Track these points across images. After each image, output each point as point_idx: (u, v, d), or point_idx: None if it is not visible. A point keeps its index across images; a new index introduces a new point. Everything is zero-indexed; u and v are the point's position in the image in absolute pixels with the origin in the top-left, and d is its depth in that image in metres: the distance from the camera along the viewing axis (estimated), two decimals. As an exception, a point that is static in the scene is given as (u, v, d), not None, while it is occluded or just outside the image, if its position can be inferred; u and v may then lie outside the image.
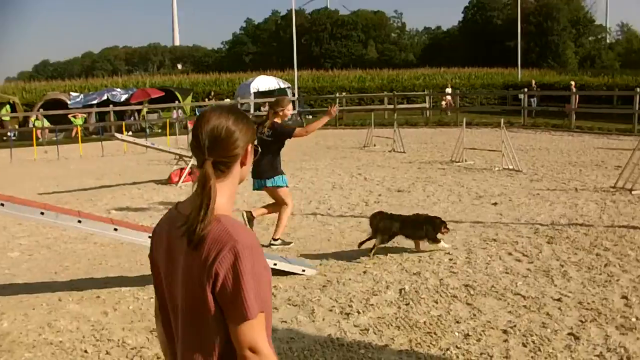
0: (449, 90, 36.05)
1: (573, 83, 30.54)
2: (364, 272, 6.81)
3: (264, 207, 8.50)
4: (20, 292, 6.59)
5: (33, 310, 6.02)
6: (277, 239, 8.25)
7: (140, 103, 31.74)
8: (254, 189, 8.27)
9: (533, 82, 31.49)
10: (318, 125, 8.77)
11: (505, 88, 40.47)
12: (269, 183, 7.98)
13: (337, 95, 33.82)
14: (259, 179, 8.00)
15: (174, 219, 2.12)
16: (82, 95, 34.10)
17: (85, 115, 30.10)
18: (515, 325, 5.17)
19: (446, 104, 34.36)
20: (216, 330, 1.93)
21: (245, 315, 1.87)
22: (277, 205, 8.20)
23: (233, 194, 2.13)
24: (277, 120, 8.10)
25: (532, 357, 4.65)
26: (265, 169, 7.92)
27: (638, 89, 23.00)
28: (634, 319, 5.24)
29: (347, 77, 51.47)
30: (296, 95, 35.40)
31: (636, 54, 78.22)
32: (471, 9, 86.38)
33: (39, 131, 26.74)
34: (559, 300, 5.73)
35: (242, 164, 2.12)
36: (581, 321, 5.23)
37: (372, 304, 5.82)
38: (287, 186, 8.20)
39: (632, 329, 5.04)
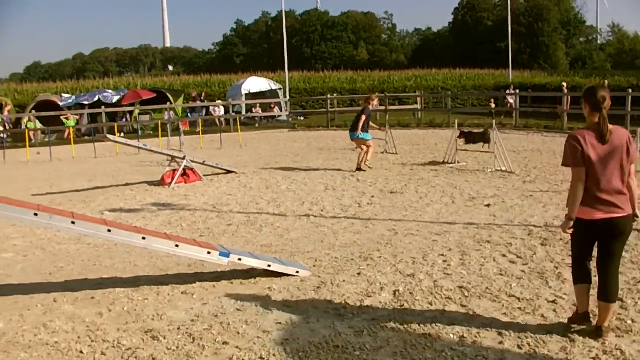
0: (511, 91, 34.18)
1: (565, 84, 30.52)
2: (358, 274, 6.81)
3: (359, 157, 15.01)
4: (15, 293, 6.58)
5: (28, 310, 6.02)
6: (367, 163, 14.92)
7: (132, 104, 31.66)
8: (351, 138, 15.15)
9: (564, 84, 30.68)
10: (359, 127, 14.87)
11: (496, 89, 40.56)
12: (359, 135, 14.66)
13: (329, 96, 33.80)
14: (354, 131, 14.74)
15: (588, 132, 4.79)
16: (73, 97, 34.04)
17: (77, 117, 30.01)
18: (510, 327, 5.18)
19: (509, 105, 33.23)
20: (626, 168, 4.77)
21: (636, 160, 4.84)
22: (363, 150, 14.89)
23: None
24: (367, 104, 14.96)
25: (527, 358, 4.66)
26: (357, 128, 14.61)
27: (630, 90, 23.03)
28: (629, 321, 5.25)
29: (337, 78, 51.54)
30: (287, 97, 35.39)
31: (627, 55, 78.41)
32: (461, 10, 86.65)
33: (31, 132, 26.67)
34: (553, 302, 5.74)
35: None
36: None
37: (366, 306, 5.82)
38: (369, 139, 14.88)
39: (627, 332, 5.05)
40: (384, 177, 13.70)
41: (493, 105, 31.72)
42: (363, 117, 14.54)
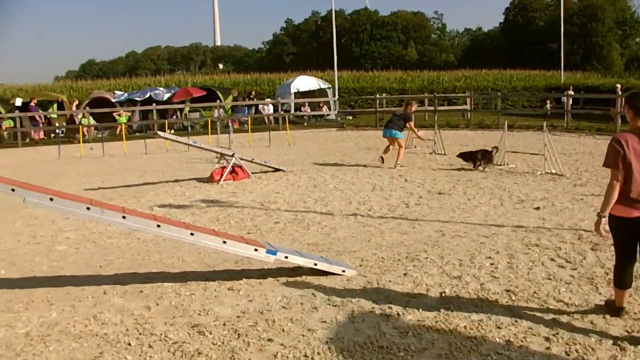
0: (571, 92, 32.07)
1: (619, 86, 29.83)
2: (404, 274, 6.79)
3: (385, 151, 16.16)
4: (68, 284, 6.76)
5: (79, 302, 6.16)
6: (399, 164, 15.49)
7: (183, 102, 32.05)
8: (384, 136, 16.01)
9: (618, 85, 29.45)
10: (415, 132, 16.50)
11: (547, 90, 39.93)
12: (394, 134, 15.59)
13: (377, 96, 33.72)
14: (390, 129, 15.69)
15: (632, 135, 4.98)
16: (126, 94, 34.63)
17: (129, 114, 30.53)
18: (557, 333, 5.10)
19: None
20: None
21: None
22: (395, 147, 15.82)
23: None
24: (408, 109, 16.06)
25: (574, 365, 4.60)
26: (394, 127, 15.61)
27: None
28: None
29: (387, 78, 51.33)
30: (336, 96, 35.40)
31: (687, 56, 76.01)
32: (512, 10, 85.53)
33: (85, 128, 27.22)
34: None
35: None
36: (627, 331, 5.13)
37: (411, 307, 5.79)
38: (402, 138, 15.80)
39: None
40: (432, 178, 13.62)
41: (549, 107, 31.00)
42: (411, 124, 16.03)
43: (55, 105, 31.05)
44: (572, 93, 31.28)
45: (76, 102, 31.49)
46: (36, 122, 29.02)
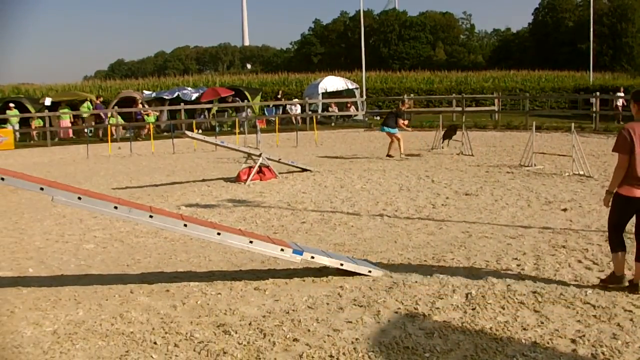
0: (621, 94, 30.94)
1: (649, 86, 29.30)
2: (430, 275, 6.75)
3: (389, 147, 17.86)
4: (95, 283, 6.82)
5: (106, 300, 6.22)
6: (403, 154, 17.47)
7: (211, 102, 32.21)
8: (381, 131, 18.26)
9: None
10: (405, 127, 18.36)
11: (576, 92, 39.48)
12: (391, 130, 17.50)
13: (405, 97, 33.58)
14: (385, 126, 17.74)
15: (638, 125, 5.81)
16: (154, 94, 34.89)
17: (157, 113, 30.74)
18: (584, 335, 5.05)
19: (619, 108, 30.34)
20: None
21: None
22: (394, 142, 17.61)
23: None
24: (402, 107, 18.36)
25: (602, 368, 4.54)
26: (390, 124, 17.50)
27: None
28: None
29: (415, 79, 51.16)
30: (364, 97, 35.36)
31: None
32: (542, 11, 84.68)
33: (113, 128, 27.47)
34: (630, 311, 5.56)
35: None
36: (655, 334, 5.06)
37: (438, 308, 5.77)
38: (397, 132, 17.58)
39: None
40: (459, 179, 13.55)
41: (597, 108, 30.38)
42: (401, 121, 17.82)
43: (89, 104, 31.36)
44: (623, 94, 30.57)
45: (141, 105, 31.43)
46: (101, 120, 29.52)
